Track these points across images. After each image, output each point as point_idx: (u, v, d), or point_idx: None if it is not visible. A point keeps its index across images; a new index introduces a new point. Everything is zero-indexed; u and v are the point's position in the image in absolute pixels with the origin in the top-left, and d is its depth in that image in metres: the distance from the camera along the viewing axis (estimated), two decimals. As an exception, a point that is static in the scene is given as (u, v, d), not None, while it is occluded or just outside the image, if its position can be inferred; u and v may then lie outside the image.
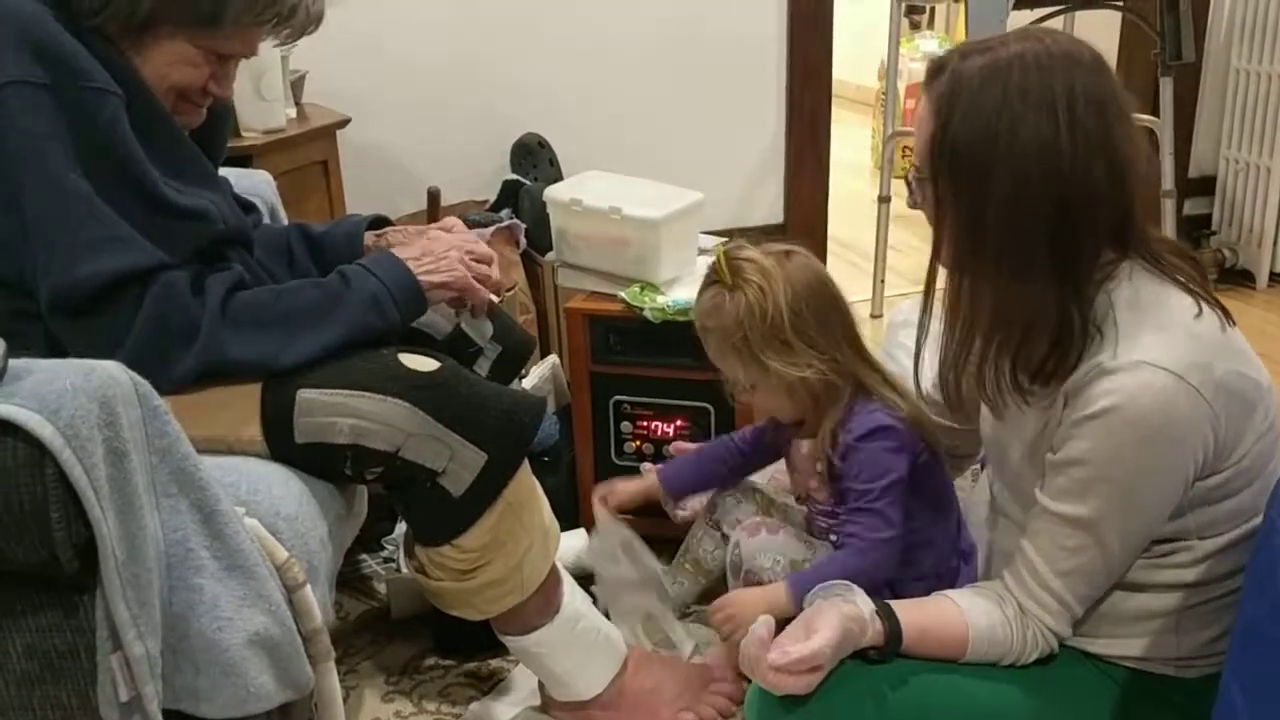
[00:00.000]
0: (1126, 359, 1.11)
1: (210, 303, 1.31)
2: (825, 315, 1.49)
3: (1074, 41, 1.18)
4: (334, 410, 1.32)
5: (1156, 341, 1.11)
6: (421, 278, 1.45)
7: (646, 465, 1.83)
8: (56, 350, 1.26)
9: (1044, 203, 1.12)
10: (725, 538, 1.73)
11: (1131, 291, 1.16)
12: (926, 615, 1.22)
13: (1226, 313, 1.17)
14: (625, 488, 1.76)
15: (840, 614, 1.17)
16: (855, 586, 1.23)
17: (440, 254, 1.49)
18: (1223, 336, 1.15)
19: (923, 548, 1.51)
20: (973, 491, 1.78)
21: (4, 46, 1.22)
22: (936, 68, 1.20)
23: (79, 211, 1.24)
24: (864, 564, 1.42)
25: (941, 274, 1.26)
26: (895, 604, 1.23)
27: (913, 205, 1.27)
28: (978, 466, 1.54)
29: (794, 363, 1.47)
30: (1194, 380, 1.09)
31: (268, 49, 1.52)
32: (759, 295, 1.47)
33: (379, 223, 1.71)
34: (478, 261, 1.53)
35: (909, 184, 1.25)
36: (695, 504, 1.78)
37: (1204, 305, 1.15)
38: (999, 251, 1.15)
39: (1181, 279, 1.17)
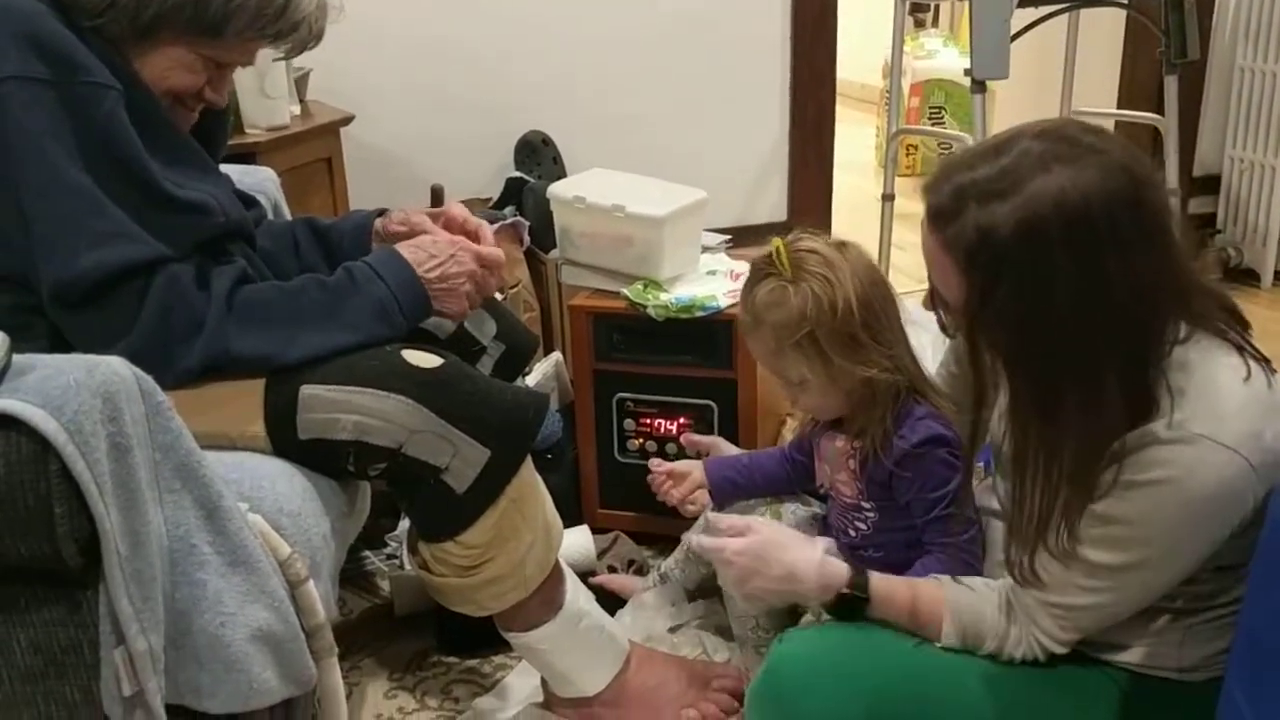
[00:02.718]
0: (1182, 430, 1.07)
1: (215, 297, 1.31)
2: (887, 310, 1.44)
3: (1088, 154, 1.07)
4: (337, 406, 1.32)
5: (1212, 412, 1.07)
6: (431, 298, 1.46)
7: (655, 461, 1.83)
8: (60, 344, 1.27)
9: (1113, 345, 1.08)
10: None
11: (1181, 353, 1.12)
12: (899, 581, 1.25)
13: (1269, 364, 1.14)
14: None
15: (796, 534, 1.24)
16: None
17: (452, 274, 1.47)
18: (1269, 395, 1.11)
19: None
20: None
21: (3, 42, 1.23)
22: (942, 212, 1.10)
23: (80, 205, 1.24)
24: (957, 568, 1.39)
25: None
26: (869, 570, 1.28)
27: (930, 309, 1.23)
28: (980, 465, 1.54)
29: (861, 361, 1.41)
30: (1247, 452, 1.06)
31: (266, 58, 1.53)
32: (826, 289, 1.40)
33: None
34: (485, 267, 1.52)
35: (929, 304, 1.21)
36: (705, 498, 1.78)
37: (1251, 363, 1.11)
38: (1074, 409, 1.09)
39: (1227, 334, 1.14)
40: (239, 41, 1.39)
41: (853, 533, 1.54)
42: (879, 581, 1.26)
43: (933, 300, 1.20)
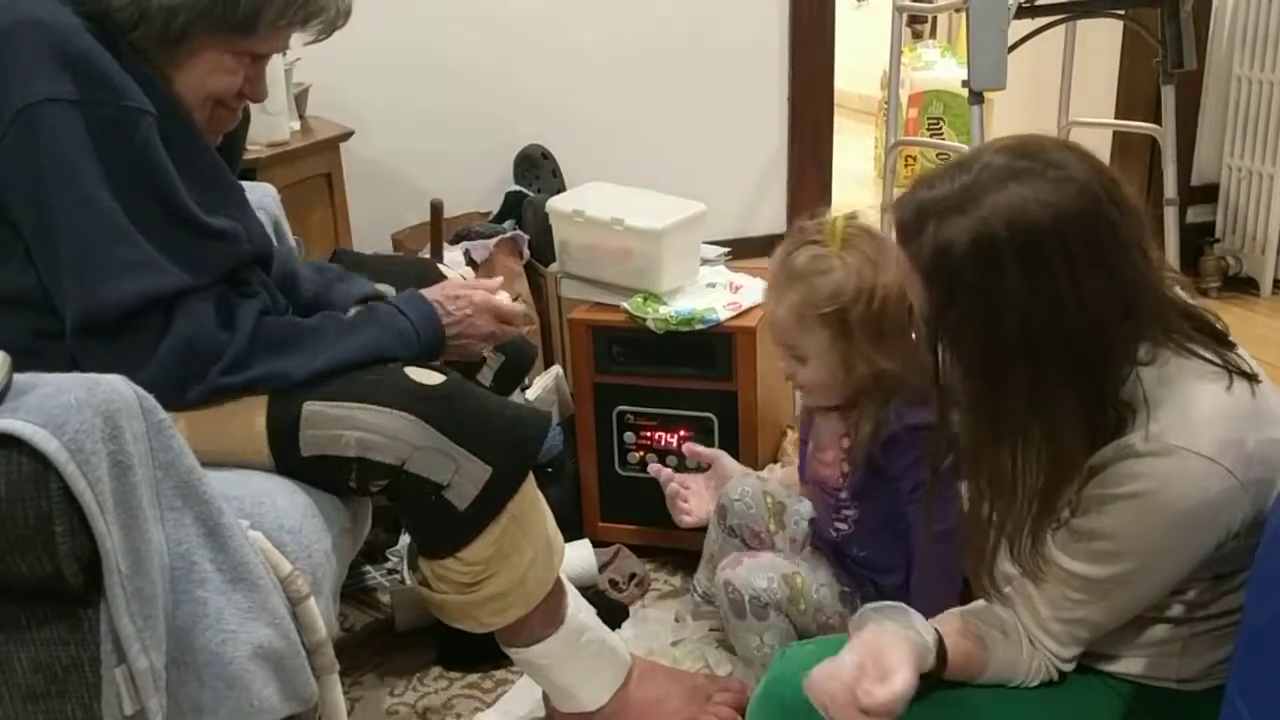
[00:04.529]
0: (1159, 443, 1.07)
1: (239, 331, 1.31)
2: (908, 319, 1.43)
3: (1048, 170, 1.07)
4: (340, 423, 1.32)
5: (1189, 423, 1.07)
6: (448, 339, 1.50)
7: (655, 467, 1.82)
8: (79, 371, 1.26)
9: (1065, 364, 1.08)
10: (743, 542, 1.72)
11: (1158, 367, 1.11)
12: (963, 643, 1.19)
13: (1252, 375, 1.13)
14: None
15: (912, 648, 1.12)
16: (910, 610, 1.18)
17: (468, 336, 1.54)
18: (1252, 403, 1.11)
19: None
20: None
21: (37, 60, 1.21)
22: (906, 228, 1.11)
23: (109, 233, 1.24)
24: (945, 563, 1.37)
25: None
26: (940, 629, 1.19)
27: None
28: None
29: (881, 350, 1.40)
30: (1227, 462, 1.06)
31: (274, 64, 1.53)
32: (870, 271, 1.39)
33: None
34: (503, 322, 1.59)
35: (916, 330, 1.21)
36: (702, 511, 1.78)
37: (1233, 375, 1.11)
38: (1026, 425, 1.10)
39: (1206, 353, 1.13)
40: (271, 32, 1.38)
41: (834, 533, 1.52)
42: (951, 661, 1.18)
43: (910, 315, 1.21)
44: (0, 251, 1.27)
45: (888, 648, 1.11)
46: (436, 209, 2.23)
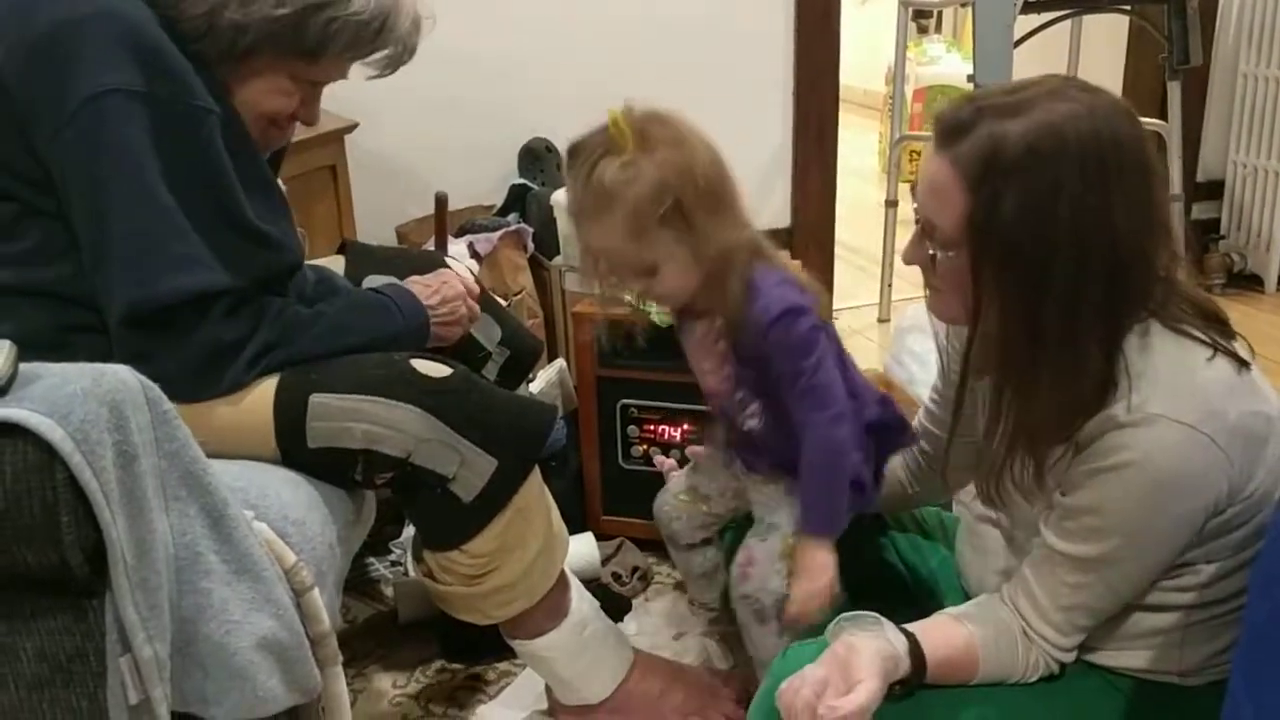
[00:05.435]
0: (1141, 413, 1.07)
1: (268, 326, 1.32)
2: (731, 180, 1.37)
3: (1101, 93, 1.11)
4: (347, 415, 1.32)
5: (1170, 393, 1.08)
6: (433, 327, 1.52)
7: (661, 459, 1.82)
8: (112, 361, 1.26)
9: (1105, 287, 1.08)
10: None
11: (1141, 338, 1.12)
12: (946, 646, 1.19)
13: (1239, 358, 1.13)
14: None
15: (879, 657, 1.12)
16: (883, 619, 1.17)
17: (450, 297, 1.55)
18: (1235, 377, 1.11)
19: None
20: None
21: (108, 51, 1.21)
22: (957, 126, 1.11)
23: (164, 227, 1.24)
24: (829, 452, 1.34)
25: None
26: (918, 633, 1.18)
27: (912, 261, 1.21)
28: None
29: (725, 221, 1.33)
30: (1208, 430, 1.06)
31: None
32: (681, 151, 1.33)
33: None
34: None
35: (916, 243, 1.19)
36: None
37: (1216, 348, 1.12)
38: (1058, 341, 1.10)
39: (1190, 328, 1.13)
40: (334, 62, 1.39)
41: (747, 430, 1.48)
42: (930, 665, 1.19)
43: (918, 240, 1.19)
44: (36, 244, 1.27)
45: (854, 660, 1.11)
46: (441, 202, 2.23)
